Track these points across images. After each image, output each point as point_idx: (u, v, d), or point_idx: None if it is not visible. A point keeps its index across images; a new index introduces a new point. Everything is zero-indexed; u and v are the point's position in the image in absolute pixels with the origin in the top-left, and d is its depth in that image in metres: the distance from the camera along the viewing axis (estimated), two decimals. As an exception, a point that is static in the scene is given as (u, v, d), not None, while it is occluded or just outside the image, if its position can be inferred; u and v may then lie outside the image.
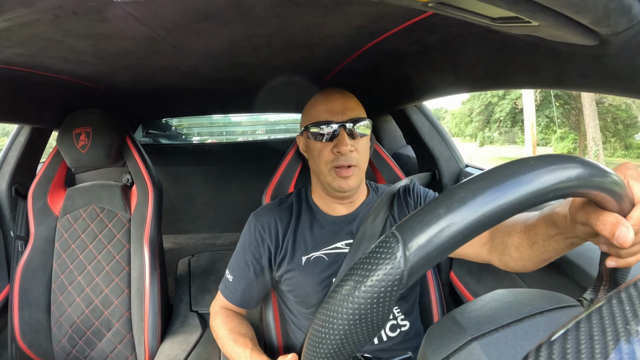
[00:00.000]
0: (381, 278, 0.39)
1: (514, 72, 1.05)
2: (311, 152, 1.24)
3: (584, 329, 0.32)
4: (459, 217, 0.40)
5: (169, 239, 2.64)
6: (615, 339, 0.31)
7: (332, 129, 1.18)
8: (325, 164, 1.19)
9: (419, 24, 1.03)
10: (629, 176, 0.54)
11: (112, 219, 1.79)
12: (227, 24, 1.00)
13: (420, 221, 0.41)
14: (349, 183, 1.18)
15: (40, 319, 1.72)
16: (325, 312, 0.42)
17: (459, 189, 0.42)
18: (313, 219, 1.29)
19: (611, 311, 0.34)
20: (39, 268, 1.74)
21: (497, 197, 0.41)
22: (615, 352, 0.30)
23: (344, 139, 1.16)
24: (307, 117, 1.25)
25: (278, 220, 1.28)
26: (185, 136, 3.77)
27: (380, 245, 0.41)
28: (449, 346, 0.48)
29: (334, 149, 1.17)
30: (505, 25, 0.72)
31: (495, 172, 0.43)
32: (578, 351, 0.30)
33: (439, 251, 0.40)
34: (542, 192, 0.42)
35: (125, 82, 1.69)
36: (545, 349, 0.32)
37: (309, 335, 0.44)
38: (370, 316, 0.40)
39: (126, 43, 1.12)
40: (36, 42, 1.03)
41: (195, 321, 1.91)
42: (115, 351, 1.71)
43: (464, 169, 1.85)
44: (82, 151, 1.70)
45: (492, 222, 0.41)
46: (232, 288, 1.30)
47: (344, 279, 0.42)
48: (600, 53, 0.73)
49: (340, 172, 1.17)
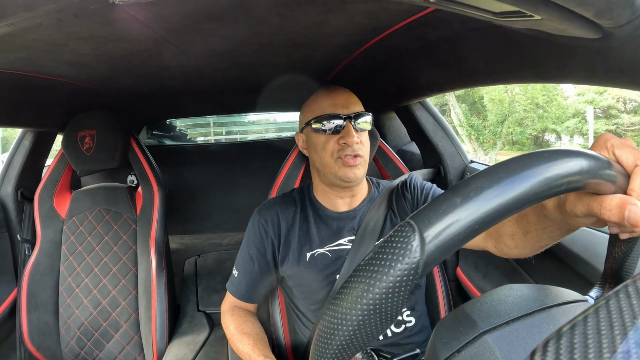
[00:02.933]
0: (397, 267, 0.39)
1: (518, 67, 1.05)
2: (314, 146, 1.24)
3: (592, 324, 0.32)
4: (475, 206, 0.39)
5: (175, 240, 2.65)
6: (623, 333, 0.31)
7: (337, 122, 1.19)
8: (330, 154, 1.19)
9: (421, 20, 1.03)
10: (614, 147, 0.50)
11: (118, 221, 1.80)
12: (230, 24, 1.00)
13: (436, 210, 0.40)
14: (354, 172, 1.19)
15: (49, 321, 1.73)
16: (337, 302, 0.42)
17: (475, 179, 0.41)
18: (316, 215, 1.30)
19: (619, 305, 0.34)
20: (46, 271, 1.75)
21: (513, 187, 0.40)
22: (623, 346, 0.30)
23: (350, 130, 1.17)
24: (309, 112, 1.25)
25: (281, 215, 1.29)
26: (191, 137, 3.78)
27: (396, 235, 0.40)
28: (460, 339, 0.47)
29: (340, 140, 1.18)
30: (507, 19, 0.71)
31: (511, 163, 0.42)
32: (585, 346, 0.30)
33: (456, 240, 0.39)
34: (554, 184, 0.41)
35: (128, 83, 1.69)
36: (552, 343, 0.31)
37: (319, 328, 0.44)
38: (384, 307, 0.40)
39: (129, 45, 1.12)
40: (39, 46, 1.04)
41: (202, 321, 1.91)
42: (123, 352, 1.72)
43: (468, 164, 1.84)
44: (87, 154, 1.70)
45: (508, 212, 0.40)
46: (237, 283, 1.32)
47: (358, 270, 0.41)
48: (603, 46, 0.72)
49: (347, 161, 1.17)
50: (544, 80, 1.03)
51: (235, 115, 4.03)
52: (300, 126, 1.32)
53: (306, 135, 1.28)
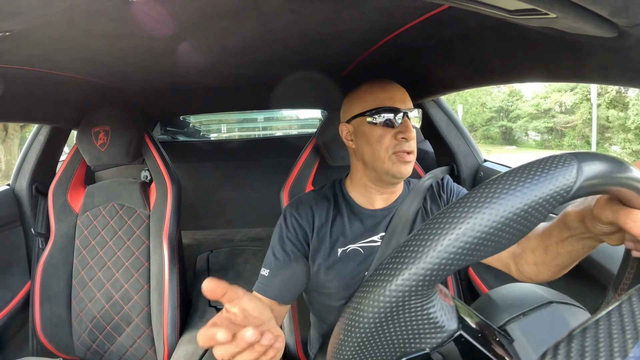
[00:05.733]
0: (554, 179, 0.41)
1: (532, 66, 1.04)
2: (367, 138, 1.20)
3: (603, 327, 0.32)
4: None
5: (187, 235, 2.66)
6: (635, 337, 0.31)
7: (396, 116, 1.16)
8: (385, 149, 1.16)
9: (435, 17, 1.02)
10: None
11: (132, 216, 1.81)
12: (243, 21, 1.00)
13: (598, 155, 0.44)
14: (408, 168, 1.17)
15: (61, 314, 1.75)
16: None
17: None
18: (350, 212, 1.27)
19: (631, 309, 0.34)
20: (59, 264, 1.77)
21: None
22: (635, 351, 0.30)
23: (409, 126, 1.15)
24: (362, 103, 1.22)
25: (315, 210, 1.26)
26: (204, 133, 3.79)
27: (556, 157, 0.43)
28: (523, 306, 0.52)
29: (398, 135, 1.15)
30: (522, 17, 0.71)
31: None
32: (597, 349, 0.30)
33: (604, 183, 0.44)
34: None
35: (142, 80, 1.70)
36: (563, 346, 0.31)
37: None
38: (534, 209, 0.41)
39: (142, 42, 1.12)
40: (53, 43, 1.04)
41: (213, 316, 1.92)
42: (134, 345, 1.74)
43: (482, 163, 1.83)
44: (102, 149, 1.72)
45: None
46: (268, 283, 1.22)
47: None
48: (619, 45, 0.71)
49: (403, 156, 1.15)
50: (559, 80, 1.02)
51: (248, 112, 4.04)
52: (346, 117, 1.27)
53: (355, 127, 1.24)
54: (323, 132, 1.57)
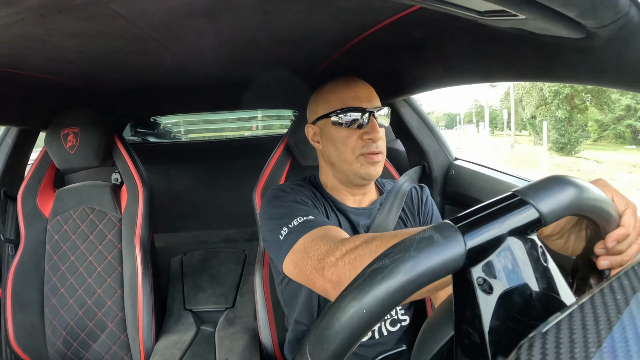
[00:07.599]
0: None
1: (502, 65, 1.06)
2: (332, 140, 1.18)
3: (577, 319, 0.33)
4: None
5: (160, 238, 2.62)
6: (608, 327, 0.31)
7: (362, 116, 1.14)
8: (352, 151, 1.14)
9: (407, 17, 1.03)
10: (612, 193, 0.60)
11: (103, 220, 1.78)
12: (214, 21, 1.00)
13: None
14: (377, 169, 1.15)
15: (34, 322, 1.71)
16: None
17: None
18: (334, 207, 1.23)
19: (603, 300, 0.35)
20: (30, 271, 1.73)
21: None
22: (608, 341, 0.30)
23: (375, 126, 1.13)
24: (325, 104, 1.19)
25: (304, 193, 1.19)
26: (175, 134, 3.74)
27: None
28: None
29: (364, 135, 1.13)
30: (492, 18, 0.72)
31: None
32: (571, 341, 0.31)
33: None
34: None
35: (112, 81, 1.67)
36: (538, 339, 0.32)
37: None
38: None
39: (112, 41, 1.10)
40: (21, 42, 1.02)
41: (189, 319, 1.91)
42: (110, 352, 1.71)
43: (453, 161, 1.86)
44: (71, 152, 1.68)
45: None
46: (302, 225, 1.00)
47: None
48: (587, 45, 0.73)
49: (371, 158, 1.13)
50: (528, 79, 1.05)
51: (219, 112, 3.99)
52: (312, 118, 1.25)
53: (321, 128, 1.22)
54: (294, 132, 1.56)
